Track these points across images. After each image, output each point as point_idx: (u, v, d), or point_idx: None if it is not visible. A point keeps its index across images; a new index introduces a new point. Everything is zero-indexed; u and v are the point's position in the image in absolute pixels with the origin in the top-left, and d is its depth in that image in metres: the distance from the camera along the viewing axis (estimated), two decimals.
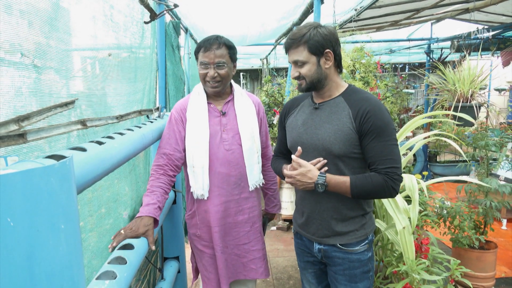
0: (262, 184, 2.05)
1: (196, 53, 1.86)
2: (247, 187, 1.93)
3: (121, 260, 1.33)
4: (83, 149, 1.04)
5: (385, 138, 1.45)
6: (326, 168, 1.52)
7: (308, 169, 1.50)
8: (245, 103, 1.96)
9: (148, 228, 1.54)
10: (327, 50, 1.50)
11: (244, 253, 1.97)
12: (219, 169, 1.86)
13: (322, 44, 1.48)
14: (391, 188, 1.44)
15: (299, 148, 1.54)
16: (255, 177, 1.95)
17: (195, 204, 1.92)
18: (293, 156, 1.55)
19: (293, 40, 1.51)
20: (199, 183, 1.84)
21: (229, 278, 1.96)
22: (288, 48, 1.55)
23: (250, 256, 1.98)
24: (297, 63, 1.53)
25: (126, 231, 1.49)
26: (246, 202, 1.95)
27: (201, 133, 1.83)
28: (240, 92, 1.98)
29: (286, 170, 1.58)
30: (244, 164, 1.90)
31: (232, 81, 1.98)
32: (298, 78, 1.55)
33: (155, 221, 1.63)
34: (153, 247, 1.53)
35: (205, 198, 1.87)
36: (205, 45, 1.80)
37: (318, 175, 1.48)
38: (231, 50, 1.86)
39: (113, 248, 1.41)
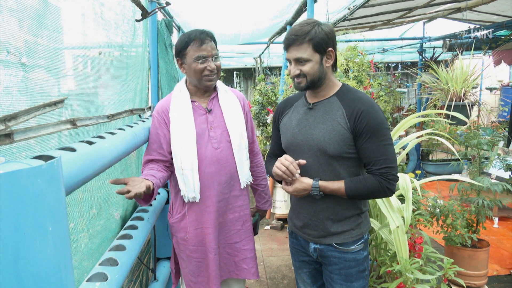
0: (252, 181, 2.00)
1: (184, 48, 1.74)
2: (237, 185, 1.88)
3: (112, 262, 1.31)
4: (73, 149, 1.02)
5: (379, 138, 1.45)
6: (304, 161, 1.52)
7: (300, 181, 1.53)
8: (230, 99, 1.90)
9: (146, 182, 1.53)
10: (330, 48, 1.48)
11: (235, 252, 1.92)
12: (209, 169, 1.79)
13: (326, 42, 1.46)
14: (386, 189, 1.45)
15: (301, 162, 1.53)
16: (245, 174, 1.90)
17: (185, 206, 1.84)
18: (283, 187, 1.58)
19: (297, 36, 1.46)
20: (190, 185, 1.76)
21: (221, 277, 1.91)
22: (290, 44, 1.49)
23: (242, 255, 1.93)
24: (299, 61, 1.49)
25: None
26: (236, 200, 1.89)
27: (187, 133, 1.76)
28: (223, 88, 1.92)
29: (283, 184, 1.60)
30: (234, 161, 1.84)
31: None
32: (298, 76, 1.51)
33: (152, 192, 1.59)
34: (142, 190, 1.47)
35: (197, 201, 1.79)
36: (200, 38, 1.72)
37: (312, 187, 1.50)
38: (216, 41, 1.81)
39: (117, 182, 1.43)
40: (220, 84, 1.93)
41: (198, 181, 1.77)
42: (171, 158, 1.82)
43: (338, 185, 1.49)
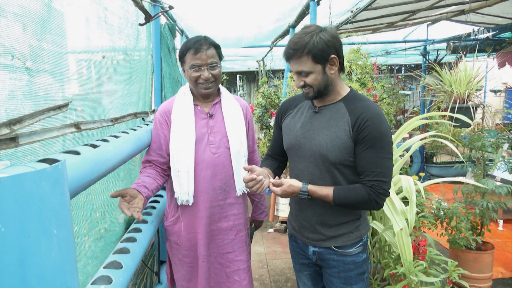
0: (248, 190, 1.97)
1: (183, 55, 1.77)
2: (233, 193, 1.86)
3: (117, 265, 1.32)
4: (77, 153, 1.03)
5: (379, 149, 1.42)
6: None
7: (289, 184, 1.49)
8: (233, 106, 1.90)
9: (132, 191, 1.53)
10: (332, 56, 1.43)
11: (227, 263, 1.90)
12: (204, 173, 1.78)
13: (327, 51, 1.41)
14: (374, 202, 1.42)
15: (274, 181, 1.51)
16: (242, 182, 1.85)
17: (179, 210, 1.84)
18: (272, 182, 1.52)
19: (295, 50, 1.42)
20: (184, 188, 1.77)
21: (210, 287, 1.89)
22: (289, 58, 1.47)
23: (234, 266, 1.91)
24: (301, 74, 1.47)
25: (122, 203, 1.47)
26: (231, 208, 1.87)
27: (186, 136, 1.76)
28: (227, 95, 1.92)
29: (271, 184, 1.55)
30: (231, 168, 1.83)
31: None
32: (304, 87, 1.49)
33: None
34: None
35: (190, 204, 1.79)
36: (195, 47, 1.71)
37: (301, 190, 1.48)
38: (218, 49, 1.80)
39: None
40: (224, 90, 1.93)
41: (192, 184, 1.77)
42: (170, 161, 1.82)
43: (326, 191, 1.46)
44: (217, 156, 1.80)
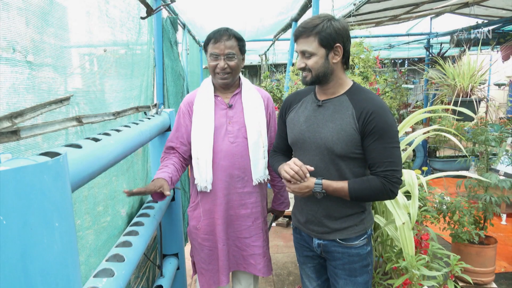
0: (267, 179, 2.01)
1: (206, 45, 1.85)
2: (250, 182, 1.91)
3: (119, 258, 1.32)
4: (78, 146, 1.03)
5: (387, 140, 1.44)
6: (312, 168, 1.51)
7: (305, 182, 1.51)
8: (253, 97, 1.94)
9: (163, 183, 1.64)
10: (337, 44, 1.46)
11: (244, 247, 1.98)
12: (223, 162, 1.85)
13: (334, 37, 1.44)
14: (390, 191, 1.45)
15: (309, 168, 1.51)
16: (259, 172, 1.92)
17: (199, 196, 1.93)
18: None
19: (304, 29, 1.46)
20: (203, 175, 1.85)
21: (229, 268, 1.98)
22: (298, 36, 1.50)
23: (250, 251, 1.98)
24: (304, 54, 1.49)
25: (147, 187, 1.59)
26: (250, 196, 1.93)
27: (206, 125, 1.84)
28: (248, 86, 1.97)
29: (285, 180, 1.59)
30: (248, 157, 1.88)
31: (240, 74, 1.96)
32: (303, 69, 1.52)
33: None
34: (169, 193, 1.63)
35: (208, 191, 1.87)
36: (215, 37, 1.80)
37: (315, 184, 1.49)
38: (241, 42, 1.86)
39: (131, 194, 1.54)
40: (245, 81, 1.98)
41: (211, 172, 1.85)
42: (191, 149, 1.91)
43: (341, 184, 1.48)
44: (235, 146, 1.87)
